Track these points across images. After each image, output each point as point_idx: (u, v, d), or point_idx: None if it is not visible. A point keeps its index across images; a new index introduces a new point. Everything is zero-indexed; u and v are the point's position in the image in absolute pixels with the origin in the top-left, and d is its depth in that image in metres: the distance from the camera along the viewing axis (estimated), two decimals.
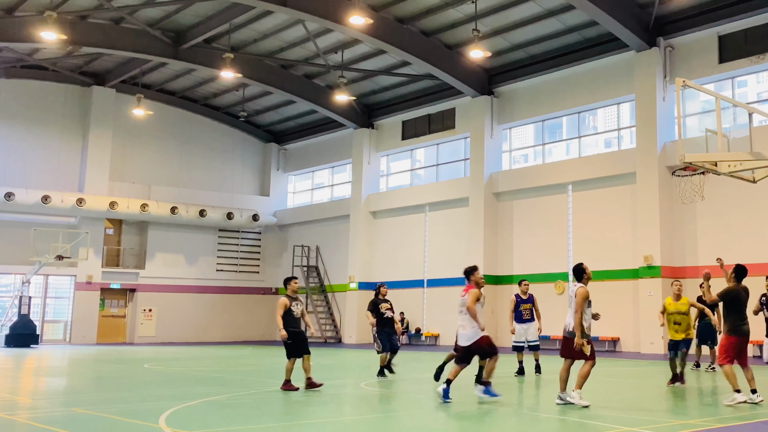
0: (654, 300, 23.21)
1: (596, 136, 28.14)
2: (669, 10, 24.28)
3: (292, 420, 9.19)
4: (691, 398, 12.01)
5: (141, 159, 36.39)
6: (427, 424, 9.20)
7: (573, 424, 9.03)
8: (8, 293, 32.60)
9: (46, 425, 8.53)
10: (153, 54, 30.14)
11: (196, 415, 9.53)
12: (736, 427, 8.55)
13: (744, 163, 12.53)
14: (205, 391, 12.27)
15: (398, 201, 33.56)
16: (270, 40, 30.20)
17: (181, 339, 35.49)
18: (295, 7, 25.34)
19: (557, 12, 25.45)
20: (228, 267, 38.40)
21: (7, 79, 33.17)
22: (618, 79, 26.11)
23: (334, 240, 36.66)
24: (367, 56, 30.50)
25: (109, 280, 34.74)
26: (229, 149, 39.18)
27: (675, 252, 24.10)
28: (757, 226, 22.50)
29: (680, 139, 12.34)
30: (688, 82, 12.18)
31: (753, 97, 24.11)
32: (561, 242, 27.50)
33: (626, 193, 25.56)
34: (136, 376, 16.12)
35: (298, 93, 33.53)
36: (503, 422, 9.40)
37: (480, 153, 29.64)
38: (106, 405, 10.55)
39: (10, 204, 31.28)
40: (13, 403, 11.10)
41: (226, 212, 36.72)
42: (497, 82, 29.81)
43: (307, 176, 40.28)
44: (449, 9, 26.19)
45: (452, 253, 30.80)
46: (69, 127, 34.53)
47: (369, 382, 14.07)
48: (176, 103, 37.26)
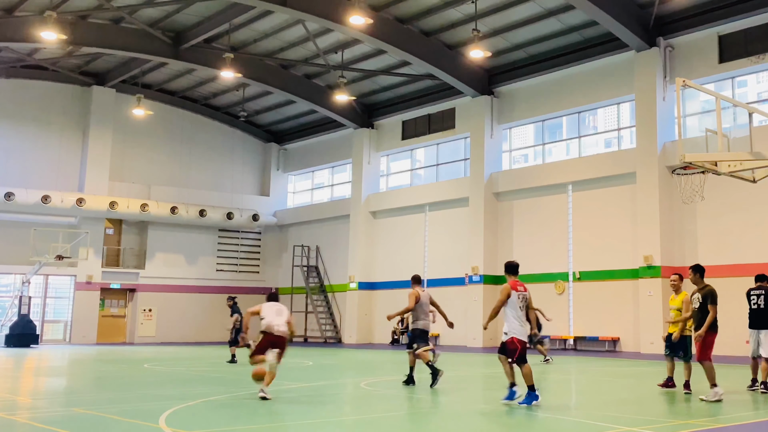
0: (654, 300, 23.21)
1: (596, 136, 28.13)
2: (669, 10, 24.28)
3: (292, 420, 9.19)
4: (690, 398, 12.00)
5: (141, 159, 36.40)
6: (428, 424, 9.20)
7: (573, 424, 9.03)
8: (8, 293, 32.59)
9: (46, 425, 8.53)
10: (153, 54, 30.14)
11: (196, 415, 9.53)
12: (736, 427, 8.55)
13: (744, 163, 12.54)
14: (205, 391, 12.26)
15: (398, 201, 33.57)
16: (270, 40, 30.20)
17: (181, 339, 35.48)
18: (295, 7, 25.33)
19: (557, 12, 25.45)
20: (228, 267, 38.40)
21: (7, 79, 33.18)
22: (618, 79, 26.11)
23: (334, 240, 36.66)
24: (367, 56, 30.50)
25: (109, 280, 34.75)
26: (229, 149, 39.19)
27: (675, 252, 24.09)
28: (756, 227, 22.50)
29: (680, 139, 12.35)
30: (688, 82, 12.18)
31: (753, 97, 24.10)
32: (561, 242, 27.50)
33: (626, 193, 25.56)
34: (136, 376, 16.12)
35: (298, 93, 33.53)
36: (503, 422, 9.40)
37: (480, 153, 29.64)
38: (106, 405, 10.55)
39: (10, 204, 31.28)
40: (13, 403, 11.10)
41: (226, 212, 36.72)
42: (497, 82, 29.81)
43: (307, 176, 40.28)
44: (449, 9, 26.19)
45: (452, 253, 30.81)
46: (69, 127, 34.54)
47: (369, 382, 14.07)
48: (176, 103, 37.27)
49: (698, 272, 11.25)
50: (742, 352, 22.16)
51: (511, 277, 10.43)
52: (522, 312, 10.28)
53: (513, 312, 10.21)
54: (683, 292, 12.24)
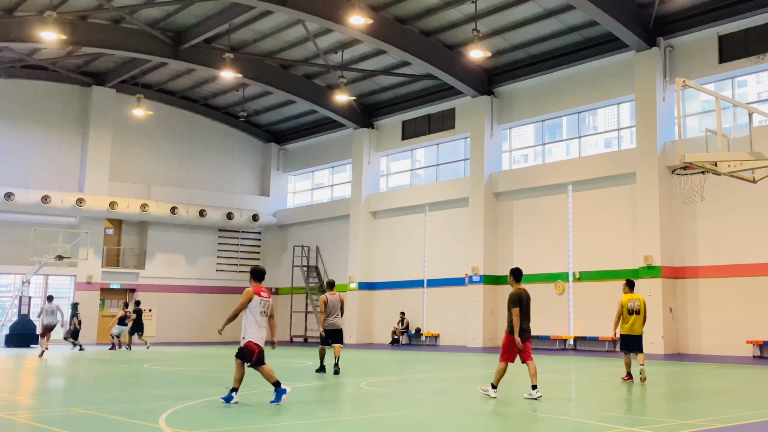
0: (654, 300, 23.21)
1: (596, 136, 28.13)
2: (669, 10, 24.28)
3: (292, 420, 9.18)
4: (690, 398, 12.01)
5: (141, 159, 36.40)
6: (428, 424, 9.20)
7: (573, 424, 9.03)
8: (8, 293, 32.59)
9: (46, 425, 8.53)
10: (153, 54, 30.14)
11: (196, 415, 9.52)
12: (736, 427, 8.55)
13: (744, 163, 12.54)
14: (205, 391, 12.26)
15: (398, 201, 33.56)
16: (270, 40, 30.19)
17: (181, 339, 35.48)
18: (295, 7, 25.33)
19: (557, 12, 25.45)
20: (228, 267, 38.41)
21: (7, 79, 33.18)
22: (618, 79, 26.11)
23: (334, 240, 36.66)
24: (367, 56, 30.50)
25: (109, 280, 34.75)
26: (229, 149, 39.19)
27: (675, 252, 24.10)
28: (757, 227, 22.50)
29: (680, 139, 12.35)
30: (688, 82, 12.18)
31: (753, 97, 24.10)
32: (561, 242, 27.49)
33: (626, 193, 25.56)
34: (136, 376, 16.12)
35: (298, 93, 33.53)
36: (502, 422, 9.40)
37: (480, 153, 29.63)
38: (106, 405, 10.54)
39: (10, 204, 31.28)
40: (13, 403, 11.10)
41: (226, 212, 36.72)
42: (497, 82, 29.81)
43: (307, 176, 40.28)
44: (449, 9, 26.18)
45: (452, 253, 30.81)
46: (69, 127, 34.54)
47: (369, 382, 14.07)
48: (176, 103, 37.27)
49: (512, 275, 11.70)
50: (743, 351, 22.19)
51: (255, 283, 10.56)
52: (263, 317, 10.40)
53: (253, 317, 10.33)
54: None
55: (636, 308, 13.74)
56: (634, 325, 13.72)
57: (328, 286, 16.33)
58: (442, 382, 12.51)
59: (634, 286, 14.13)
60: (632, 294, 13.93)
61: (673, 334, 23.68)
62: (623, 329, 13.78)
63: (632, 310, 13.75)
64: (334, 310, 15.77)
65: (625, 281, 14.20)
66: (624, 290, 14.00)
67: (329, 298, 15.70)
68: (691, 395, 12.38)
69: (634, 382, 13.44)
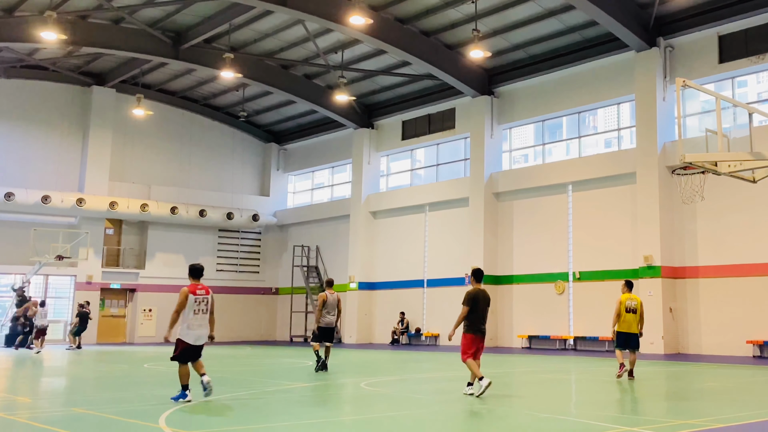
0: (654, 300, 23.21)
1: (596, 136, 28.13)
2: (669, 10, 24.28)
3: (292, 420, 9.18)
4: (690, 398, 12.00)
5: (141, 159, 36.39)
6: (427, 424, 9.20)
7: (573, 424, 9.03)
8: (8, 293, 32.58)
9: (46, 425, 8.53)
10: (153, 54, 30.14)
11: (196, 415, 9.52)
12: (736, 427, 8.55)
13: (744, 163, 12.55)
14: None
15: (398, 201, 33.56)
16: (270, 40, 30.19)
17: None
18: (295, 7, 25.33)
19: (557, 12, 25.45)
20: (228, 267, 38.40)
21: (7, 79, 33.17)
22: (618, 79, 26.10)
23: (334, 240, 36.66)
24: (367, 56, 30.50)
25: (109, 280, 34.75)
26: (229, 149, 39.19)
27: (675, 252, 24.09)
28: (757, 227, 22.50)
29: (680, 139, 12.36)
30: (688, 82, 12.19)
31: (753, 97, 24.10)
32: (561, 242, 27.49)
33: (626, 193, 25.56)
34: (136, 376, 16.11)
35: (298, 93, 33.53)
36: (502, 422, 9.40)
37: (480, 153, 29.63)
38: (106, 405, 10.54)
39: (10, 204, 31.28)
40: (13, 403, 11.09)
41: (226, 212, 36.72)
42: (497, 82, 29.81)
43: (307, 176, 40.28)
44: (449, 9, 26.18)
45: (452, 253, 30.81)
46: (69, 127, 34.54)
47: (369, 382, 14.06)
48: (176, 103, 37.27)
49: (472, 275, 12.34)
50: (743, 351, 22.19)
51: (193, 280, 10.73)
52: (199, 315, 10.58)
53: (187, 315, 10.53)
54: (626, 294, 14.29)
55: (633, 307, 14.20)
56: (632, 323, 14.17)
57: (327, 285, 16.67)
58: (442, 382, 12.52)
59: (632, 287, 14.52)
60: (630, 294, 14.37)
61: (673, 334, 23.68)
62: (620, 326, 14.21)
63: (630, 308, 14.19)
64: (332, 309, 16.18)
65: (624, 282, 14.58)
66: (623, 290, 14.44)
67: (328, 297, 16.08)
68: (691, 395, 12.38)
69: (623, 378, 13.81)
